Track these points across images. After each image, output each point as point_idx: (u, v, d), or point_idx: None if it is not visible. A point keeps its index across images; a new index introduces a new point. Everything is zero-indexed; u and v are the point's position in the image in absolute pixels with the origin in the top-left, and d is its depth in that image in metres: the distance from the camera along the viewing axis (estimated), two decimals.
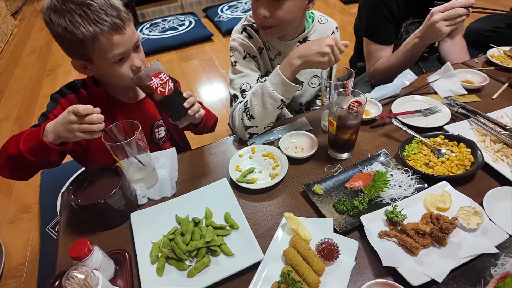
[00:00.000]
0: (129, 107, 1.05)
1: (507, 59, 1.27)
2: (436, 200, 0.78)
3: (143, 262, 0.74)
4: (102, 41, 0.84)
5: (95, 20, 0.82)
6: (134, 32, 0.91)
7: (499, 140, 0.91)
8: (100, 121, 0.79)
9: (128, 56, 0.90)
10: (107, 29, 0.83)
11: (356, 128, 0.89)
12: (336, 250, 0.69)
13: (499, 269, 0.65)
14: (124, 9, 0.88)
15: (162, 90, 0.84)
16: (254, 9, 1.03)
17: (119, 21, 0.84)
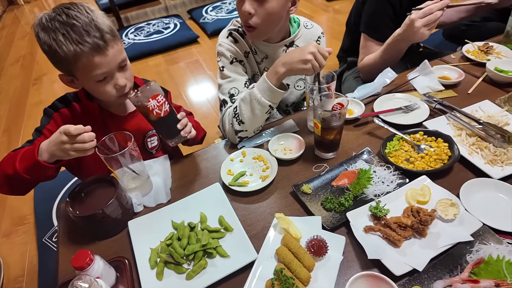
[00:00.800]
0: (122, 119, 1.08)
1: (481, 54, 1.34)
2: (417, 194, 0.83)
3: (143, 267, 0.77)
4: (83, 61, 0.86)
5: (77, 40, 0.84)
6: (120, 51, 0.92)
7: (474, 134, 0.97)
8: (91, 139, 0.81)
9: (112, 75, 0.92)
10: (88, 50, 0.84)
11: (340, 129, 0.94)
12: (324, 246, 0.74)
13: (474, 256, 0.70)
14: (111, 29, 0.89)
15: (158, 111, 0.88)
16: (239, 7, 1.04)
17: (101, 42, 0.85)
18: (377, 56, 1.40)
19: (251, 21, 1.03)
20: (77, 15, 0.85)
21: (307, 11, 3.90)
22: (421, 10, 1.16)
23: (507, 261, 0.66)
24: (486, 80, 1.21)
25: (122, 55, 0.93)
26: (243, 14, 1.03)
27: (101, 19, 0.88)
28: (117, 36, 0.92)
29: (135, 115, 1.11)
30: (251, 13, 1.00)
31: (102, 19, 0.89)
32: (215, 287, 0.73)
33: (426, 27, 1.16)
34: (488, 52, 1.33)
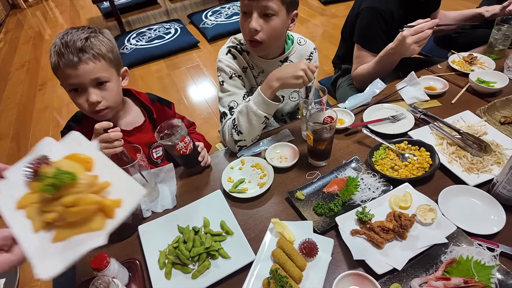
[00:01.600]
0: (127, 133, 1.16)
1: (466, 64, 1.42)
2: (399, 200, 0.92)
3: (153, 268, 0.86)
4: (60, 71, 0.99)
5: (58, 52, 0.97)
6: (98, 70, 1.01)
7: (454, 143, 1.05)
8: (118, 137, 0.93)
9: (85, 89, 1.02)
10: (62, 63, 0.97)
11: (330, 140, 1.03)
12: (315, 248, 0.83)
13: (448, 256, 0.79)
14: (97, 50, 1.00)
15: (184, 151, 1.02)
16: (244, 24, 1.12)
17: (75, 59, 0.96)
18: (370, 67, 1.49)
19: (258, 37, 1.11)
20: (71, 32, 1.00)
21: (304, 15, 3.97)
22: (413, 28, 1.24)
23: (475, 261, 0.75)
24: (469, 90, 1.30)
25: (98, 73, 1.01)
26: (250, 31, 1.10)
27: (94, 40, 1.00)
28: (101, 58, 1.01)
29: (140, 130, 1.20)
30: (257, 29, 1.09)
31: (96, 41, 1.00)
32: (218, 285, 0.82)
33: (417, 44, 1.26)
34: (472, 63, 1.41)
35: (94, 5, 5.00)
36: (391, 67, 1.45)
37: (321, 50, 3.10)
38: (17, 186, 0.59)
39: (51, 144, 0.65)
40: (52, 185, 0.52)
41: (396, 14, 1.47)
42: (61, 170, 0.53)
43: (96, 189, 0.56)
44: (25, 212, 0.57)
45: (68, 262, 0.51)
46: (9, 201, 0.58)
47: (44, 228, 0.55)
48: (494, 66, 1.37)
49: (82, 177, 0.54)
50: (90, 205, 0.53)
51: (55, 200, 0.54)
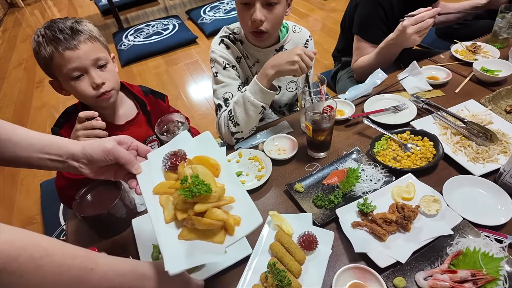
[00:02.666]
0: (120, 128, 1.14)
1: (469, 53, 1.38)
2: (402, 191, 0.88)
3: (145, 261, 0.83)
4: (57, 58, 0.95)
5: (51, 38, 0.94)
6: (95, 50, 0.99)
7: (458, 133, 1.02)
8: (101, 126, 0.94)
9: (87, 72, 0.99)
10: (61, 48, 0.94)
11: (330, 130, 0.99)
12: (315, 241, 0.79)
13: (453, 248, 0.75)
14: (90, 33, 0.98)
15: None
16: (246, 16, 1.07)
17: (74, 41, 0.94)
18: (371, 58, 1.45)
19: (263, 27, 1.07)
20: (59, 20, 0.97)
21: (303, 10, 3.93)
22: (413, 17, 1.20)
23: (483, 253, 0.72)
24: (473, 80, 1.26)
25: (98, 53, 1.00)
26: (253, 22, 1.06)
27: (83, 23, 0.99)
28: (95, 38, 1.00)
29: (133, 124, 1.16)
30: (262, 20, 1.05)
31: (84, 24, 0.99)
32: (214, 280, 0.79)
33: (418, 34, 1.22)
34: (476, 52, 1.37)
35: (92, 3, 4.99)
36: (392, 59, 1.42)
37: (320, 44, 3.06)
38: (156, 170, 0.68)
39: (187, 139, 0.72)
40: (190, 192, 0.58)
41: (395, 4, 1.44)
42: (199, 180, 0.59)
43: (222, 203, 0.62)
44: (158, 199, 0.64)
45: (191, 264, 0.57)
46: (148, 182, 0.66)
47: (173, 221, 0.62)
48: (499, 55, 1.33)
49: (215, 190, 0.60)
50: (218, 220, 0.59)
51: (188, 204, 0.61)
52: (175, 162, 0.67)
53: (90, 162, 0.66)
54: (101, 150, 0.65)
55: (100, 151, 0.65)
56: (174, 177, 0.67)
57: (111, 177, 0.71)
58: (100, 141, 0.67)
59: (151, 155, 0.71)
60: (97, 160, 0.66)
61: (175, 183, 0.64)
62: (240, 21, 1.14)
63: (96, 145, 0.66)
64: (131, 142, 0.71)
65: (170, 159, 0.68)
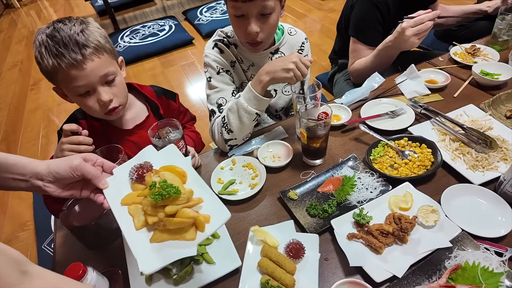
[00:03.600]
0: (127, 133, 1.10)
1: (468, 56, 1.35)
2: (399, 201, 0.85)
3: (133, 273, 0.80)
4: (62, 74, 0.89)
5: (54, 53, 0.86)
6: (103, 66, 0.92)
7: (457, 139, 0.99)
8: (87, 143, 0.90)
9: (94, 89, 0.94)
10: (64, 64, 0.87)
11: (325, 137, 0.96)
12: (302, 248, 0.78)
13: (452, 261, 0.72)
14: (97, 44, 0.91)
15: None
16: (241, 27, 1.04)
17: (78, 57, 0.87)
18: (368, 61, 1.42)
19: (259, 38, 1.05)
20: (61, 28, 0.88)
21: (301, 10, 3.90)
22: (413, 19, 1.17)
23: (482, 268, 0.69)
24: (472, 83, 1.23)
25: (106, 69, 0.93)
26: (249, 34, 1.03)
27: (88, 32, 0.90)
28: (103, 50, 0.92)
29: (142, 127, 1.13)
30: (257, 32, 1.02)
31: (90, 32, 0.91)
32: None
33: (416, 36, 1.19)
34: (475, 54, 1.35)
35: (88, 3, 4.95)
36: (390, 61, 1.39)
37: (318, 45, 3.03)
38: (122, 183, 0.69)
39: (153, 152, 0.74)
40: (160, 195, 0.60)
41: (391, 5, 1.41)
42: (168, 183, 0.61)
43: (192, 203, 0.64)
44: (127, 209, 0.65)
45: (165, 262, 0.58)
46: (115, 195, 0.67)
47: (144, 227, 0.63)
48: (499, 58, 1.31)
49: (183, 192, 0.63)
50: (188, 218, 0.61)
51: (158, 208, 0.62)
52: (141, 174, 0.68)
53: (56, 180, 0.67)
54: (68, 166, 0.66)
55: (67, 167, 0.66)
56: (142, 187, 0.68)
57: (77, 193, 0.70)
58: (66, 158, 0.68)
59: (117, 170, 0.72)
60: (63, 177, 0.67)
61: (144, 191, 0.65)
62: (235, 31, 1.11)
63: (63, 162, 0.67)
64: (96, 159, 0.72)
65: (136, 171, 0.68)
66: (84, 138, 0.89)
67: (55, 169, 0.66)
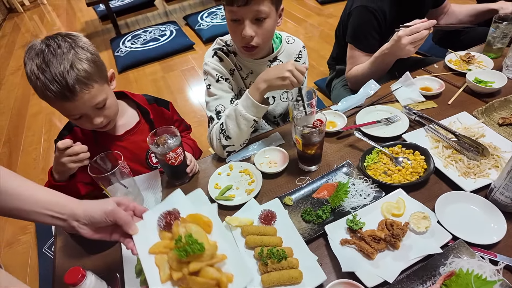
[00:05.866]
0: (119, 138, 1.13)
1: (463, 63, 1.37)
2: (392, 207, 0.87)
3: (129, 275, 0.83)
4: (53, 103, 0.94)
5: (45, 86, 0.88)
6: (95, 95, 0.95)
7: (450, 146, 1.01)
8: (83, 150, 0.92)
9: (87, 116, 0.98)
10: (54, 98, 0.90)
11: (320, 144, 0.98)
12: (272, 213, 0.90)
13: (447, 268, 0.73)
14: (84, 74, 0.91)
15: (173, 161, 1.00)
16: (236, 31, 1.06)
17: (68, 93, 0.89)
18: (365, 67, 1.45)
19: (254, 42, 1.06)
20: (50, 60, 0.88)
21: (300, 15, 3.94)
22: (409, 28, 1.20)
23: (476, 275, 0.70)
24: (466, 91, 1.25)
25: (97, 99, 0.96)
26: (243, 38, 1.05)
27: (77, 63, 0.90)
28: (92, 81, 0.93)
29: (133, 133, 1.16)
30: (252, 36, 1.04)
31: (79, 63, 0.91)
32: None
33: (412, 45, 1.21)
34: (470, 62, 1.37)
35: (91, 8, 5.00)
36: (386, 68, 1.41)
37: (317, 51, 3.05)
38: (151, 230, 0.71)
39: (180, 197, 0.77)
40: (185, 251, 0.63)
41: (388, 13, 1.43)
42: (192, 239, 0.64)
43: (215, 261, 0.66)
44: (154, 258, 0.68)
45: None
46: (144, 242, 0.69)
47: (168, 280, 0.66)
48: (493, 65, 1.33)
49: (207, 248, 0.64)
50: (212, 279, 0.63)
51: (183, 263, 0.65)
52: (169, 221, 0.70)
53: (91, 223, 0.70)
54: (102, 212, 0.69)
55: (101, 213, 0.69)
56: (169, 236, 0.70)
57: (107, 237, 0.73)
58: (101, 203, 0.70)
59: (147, 215, 0.74)
60: (97, 221, 0.69)
61: (169, 243, 0.68)
62: (231, 36, 1.13)
63: (98, 207, 0.70)
64: (129, 203, 0.74)
65: (164, 219, 0.71)
66: (80, 147, 0.92)
67: (90, 213, 0.69)
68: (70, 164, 0.91)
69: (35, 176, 2.31)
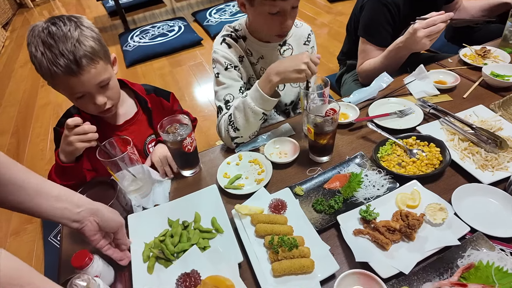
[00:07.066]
0: (118, 128, 1.12)
1: (478, 58, 1.34)
2: (407, 198, 0.85)
3: (136, 260, 0.81)
4: (58, 80, 0.91)
5: (51, 61, 0.87)
6: (99, 73, 0.93)
7: (466, 139, 0.98)
8: (92, 130, 0.90)
9: (90, 94, 0.96)
10: (61, 73, 0.88)
11: (333, 134, 0.96)
12: (282, 202, 0.88)
13: (465, 260, 0.71)
14: (92, 51, 0.90)
15: (190, 148, 0.98)
16: (275, 23, 1.06)
17: (74, 67, 0.88)
18: (377, 61, 1.42)
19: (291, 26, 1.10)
20: (56, 34, 0.87)
21: (310, 13, 3.92)
22: (425, 20, 1.17)
23: (496, 267, 0.67)
24: (482, 85, 1.22)
25: (101, 77, 0.95)
26: (285, 27, 1.07)
27: (83, 39, 0.90)
28: (97, 58, 0.93)
29: (131, 123, 1.14)
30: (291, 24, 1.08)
31: (85, 39, 0.90)
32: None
33: (428, 38, 1.18)
34: (485, 56, 1.33)
35: (100, 3, 5.02)
36: (399, 63, 1.38)
37: (326, 48, 3.03)
38: None
39: (196, 254, 0.77)
40: None
41: (402, 7, 1.41)
42: None
43: None
44: None
45: None
46: None
47: None
48: (509, 60, 1.29)
49: None
50: None
51: None
52: (189, 285, 0.69)
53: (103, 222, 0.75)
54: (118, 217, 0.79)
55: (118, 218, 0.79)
56: None
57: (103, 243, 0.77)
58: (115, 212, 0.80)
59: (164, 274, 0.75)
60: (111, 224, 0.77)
61: None
62: (265, 27, 1.11)
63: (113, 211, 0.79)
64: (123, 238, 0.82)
65: (183, 282, 0.70)
66: (89, 127, 0.90)
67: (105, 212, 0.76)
68: (78, 144, 0.88)
69: (41, 167, 2.32)
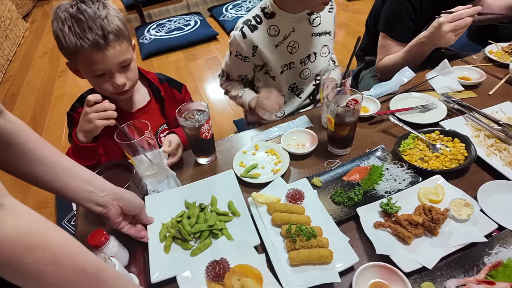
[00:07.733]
0: (132, 115, 1.12)
1: (505, 55, 1.29)
2: (429, 193, 0.82)
3: (153, 239, 0.81)
4: (83, 55, 0.90)
5: (79, 35, 0.87)
6: (122, 52, 0.94)
7: (493, 135, 0.94)
8: (111, 108, 0.90)
9: (111, 73, 0.96)
10: (87, 46, 0.88)
11: (354, 125, 0.94)
12: (299, 192, 0.85)
13: (492, 258, 0.68)
14: (118, 29, 0.92)
15: (207, 134, 0.97)
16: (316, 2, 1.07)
17: (101, 41, 0.88)
18: (398, 57, 1.38)
19: None
20: (86, 10, 0.88)
21: None
22: (451, 14, 1.13)
23: None
24: (509, 82, 1.18)
25: (124, 56, 0.96)
26: (324, 3, 1.07)
27: (111, 17, 0.91)
28: (123, 37, 0.94)
29: (144, 111, 1.14)
30: None
31: (112, 18, 0.92)
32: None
33: (453, 32, 1.13)
34: None
35: None
36: (421, 59, 1.34)
37: (343, 45, 3.00)
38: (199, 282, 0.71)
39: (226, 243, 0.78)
40: None
41: (424, 1, 1.36)
42: None
43: None
44: None
45: None
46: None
47: None
48: None
49: None
50: None
51: None
52: (218, 272, 0.69)
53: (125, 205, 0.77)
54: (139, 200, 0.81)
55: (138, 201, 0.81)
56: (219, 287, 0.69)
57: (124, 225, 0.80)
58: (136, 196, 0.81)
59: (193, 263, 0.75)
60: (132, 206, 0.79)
61: None
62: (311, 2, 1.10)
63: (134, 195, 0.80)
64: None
65: (213, 269, 0.70)
66: (109, 104, 0.90)
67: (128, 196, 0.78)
68: (97, 121, 0.88)
69: None
